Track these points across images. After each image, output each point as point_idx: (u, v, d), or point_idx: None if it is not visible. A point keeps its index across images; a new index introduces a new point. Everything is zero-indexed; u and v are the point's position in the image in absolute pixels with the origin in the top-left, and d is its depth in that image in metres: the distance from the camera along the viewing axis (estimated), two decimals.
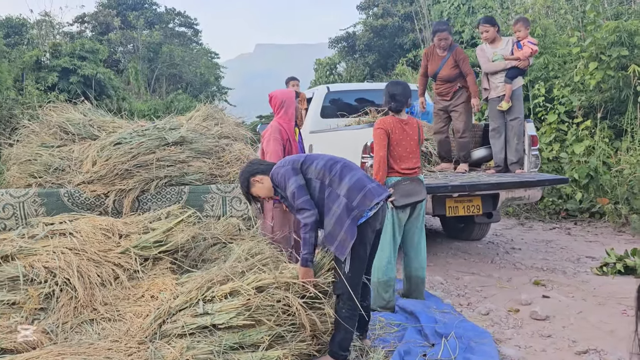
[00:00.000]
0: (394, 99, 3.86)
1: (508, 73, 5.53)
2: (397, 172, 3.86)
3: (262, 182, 3.08)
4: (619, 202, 6.82)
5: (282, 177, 2.96)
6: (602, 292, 4.32)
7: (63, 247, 3.37)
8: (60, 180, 4.37)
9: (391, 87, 3.95)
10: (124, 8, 21.96)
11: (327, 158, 3.06)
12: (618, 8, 9.31)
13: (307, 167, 2.99)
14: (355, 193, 2.88)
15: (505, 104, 5.51)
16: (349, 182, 2.92)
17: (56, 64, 12.31)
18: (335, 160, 3.05)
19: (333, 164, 3.00)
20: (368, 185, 2.93)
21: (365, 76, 17.64)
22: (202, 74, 21.75)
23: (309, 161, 3.02)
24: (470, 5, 14.74)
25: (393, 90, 3.89)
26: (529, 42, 5.55)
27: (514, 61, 5.51)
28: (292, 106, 4.54)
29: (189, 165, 4.51)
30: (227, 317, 2.76)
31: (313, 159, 3.04)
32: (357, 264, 2.89)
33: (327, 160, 3.02)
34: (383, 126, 3.84)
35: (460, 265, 5.35)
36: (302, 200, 2.87)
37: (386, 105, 3.97)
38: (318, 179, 2.96)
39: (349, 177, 2.94)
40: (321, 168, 2.98)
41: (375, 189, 2.94)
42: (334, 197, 2.90)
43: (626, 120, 7.53)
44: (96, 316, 3.10)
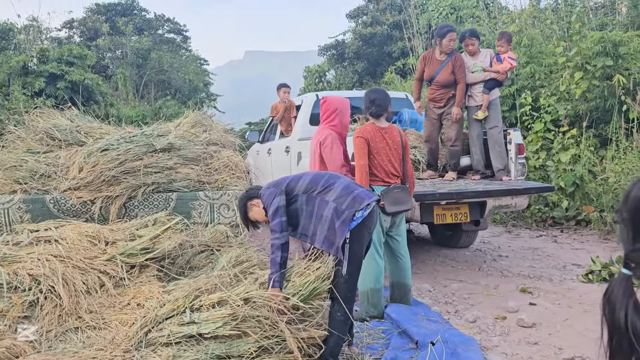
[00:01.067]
0: (374, 103, 3.91)
1: (486, 84, 5.68)
2: (381, 181, 3.88)
3: (258, 205, 3.13)
4: (604, 210, 6.90)
5: (267, 198, 3.02)
6: (588, 300, 4.36)
7: (48, 254, 3.34)
8: (46, 187, 4.33)
9: (370, 93, 4.02)
10: (113, 14, 21.87)
11: (314, 174, 3.14)
12: (603, 19, 9.47)
13: (294, 186, 3.05)
14: (343, 197, 2.93)
15: (481, 113, 5.65)
16: (336, 188, 2.97)
17: (43, 69, 12.20)
18: (322, 174, 3.13)
19: (320, 177, 3.08)
20: (356, 190, 2.98)
21: (354, 84, 17.72)
22: (191, 80, 21.67)
23: (295, 180, 3.09)
24: (458, 15, 14.91)
25: (372, 96, 3.95)
26: (509, 57, 5.73)
27: (494, 73, 5.64)
28: (347, 115, 4.45)
29: (176, 172, 4.50)
30: (213, 327, 2.73)
31: (299, 177, 3.12)
32: (354, 264, 2.92)
33: (313, 176, 3.10)
34: (362, 135, 3.87)
35: (447, 273, 5.37)
36: (276, 222, 2.92)
37: (367, 111, 4.01)
38: (305, 193, 3.01)
39: (336, 184, 3.00)
40: (308, 183, 3.05)
41: (364, 192, 3.01)
42: (323, 205, 2.94)
43: (611, 129, 7.64)
44: (81, 324, 3.06)
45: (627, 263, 1.19)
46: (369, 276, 3.81)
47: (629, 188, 1.24)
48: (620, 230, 1.25)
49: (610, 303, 1.21)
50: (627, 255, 1.21)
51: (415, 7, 16.47)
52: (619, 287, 1.19)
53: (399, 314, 3.80)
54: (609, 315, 1.22)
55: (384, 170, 3.88)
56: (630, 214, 1.20)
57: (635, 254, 1.18)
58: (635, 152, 7.03)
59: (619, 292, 1.19)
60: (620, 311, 1.17)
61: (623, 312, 1.17)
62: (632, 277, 1.19)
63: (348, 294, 2.91)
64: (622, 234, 1.24)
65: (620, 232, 1.25)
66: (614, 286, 1.21)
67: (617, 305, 1.18)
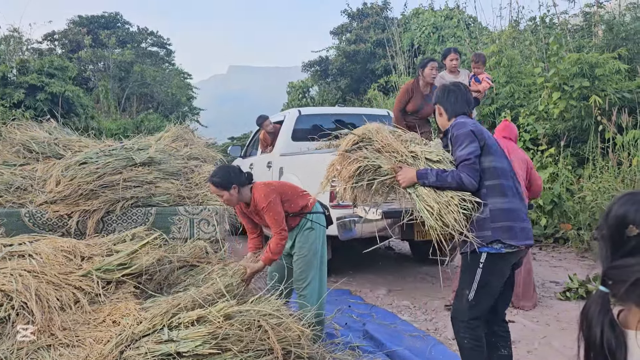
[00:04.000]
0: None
1: None
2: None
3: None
4: (581, 228, 7.00)
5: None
6: (566, 317, 4.40)
7: (21, 270, 3.25)
8: (21, 200, 4.25)
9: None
10: (96, 26, 21.77)
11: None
12: (580, 41, 9.71)
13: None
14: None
15: None
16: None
17: (23, 80, 12.05)
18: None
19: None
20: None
21: (337, 100, 17.84)
22: (173, 94, 21.58)
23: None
24: (440, 34, 15.16)
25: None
26: (487, 77, 5.86)
27: (474, 93, 5.75)
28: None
29: (156, 186, 4.46)
30: (192, 345, 2.68)
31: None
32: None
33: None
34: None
35: (428, 290, 5.38)
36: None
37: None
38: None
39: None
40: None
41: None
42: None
43: (588, 149, 7.79)
44: (54, 342, 2.98)
45: (605, 280, 1.21)
46: (320, 296, 3.64)
47: (609, 206, 1.26)
48: (599, 248, 1.26)
49: (587, 320, 1.22)
50: (605, 273, 1.22)
51: (398, 25, 16.73)
52: (596, 304, 1.21)
53: (381, 333, 3.78)
54: (585, 332, 1.23)
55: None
56: (609, 231, 1.22)
57: (612, 271, 1.20)
58: (611, 171, 7.17)
59: (596, 309, 1.20)
60: (597, 328, 1.18)
61: (599, 329, 1.18)
62: (608, 294, 1.20)
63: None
64: (601, 251, 1.25)
65: (599, 249, 1.26)
66: (591, 303, 1.23)
67: (594, 322, 1.19)
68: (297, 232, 3.59)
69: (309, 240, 3.58)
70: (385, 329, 3.95)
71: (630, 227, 1.17)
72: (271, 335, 2.72)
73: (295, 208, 3.57)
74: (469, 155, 2.66)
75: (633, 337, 1.13)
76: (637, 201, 1.20)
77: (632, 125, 7.34)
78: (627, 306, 1.17)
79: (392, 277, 5.93)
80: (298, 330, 2.82)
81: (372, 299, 5.04)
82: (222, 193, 3.41)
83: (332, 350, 3.30)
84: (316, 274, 3.59)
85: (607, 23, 9.26)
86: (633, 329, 1.14)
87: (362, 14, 19.57)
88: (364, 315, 4.42)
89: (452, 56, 5.90)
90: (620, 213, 1.20)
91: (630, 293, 1.13)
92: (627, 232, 1.17)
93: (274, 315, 2.81)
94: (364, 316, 4.39)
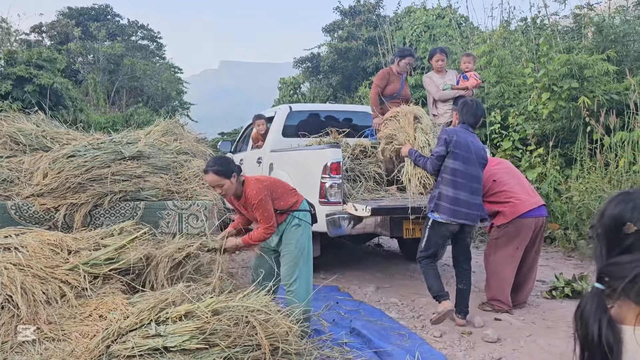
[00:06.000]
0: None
1: (455, 102, 5.77)
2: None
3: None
4: (568, 227, 7.07)
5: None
6: (551, 316, 4.44)
7: (7, 263, 3.22)
8: (7, 192, 4.21)
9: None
10: (86, 18, 21.56)
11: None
12: (570, 42, 9.77)
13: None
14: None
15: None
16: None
17: (11, 71, 11.90)
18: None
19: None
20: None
21: (328, 97, 17.83)
22: (164, 88, 21.45)
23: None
24: (432, 33, 15.18)
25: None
26: (474, 75, 5.88)
27: (462, 90, 5.77)
28: None
29: (145, 180, 4.43)
30: (180, 340, 2.67)
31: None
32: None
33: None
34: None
35: (416, 287, 5.40)
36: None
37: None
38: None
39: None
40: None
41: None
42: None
43: (576, 150, 7.86)
44: (39, 336, 2.96)
45: (601, 277, 1.22)
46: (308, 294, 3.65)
47: (604, 205, 1.28)
48: (594, 246, 1.28)
49: (583, 318, 1.23)
50: (601, 270, 1.23)
51: (390, 23, 16.74)
52: (592, 302, 1.21)
53: (369, 330, 3.79)
54: (581, 330, 1.24)
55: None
56: (604, 230, 1.24)
57: (610, 268, 1.21)
58: (598, 172, 7.24)
59: (592, 306, 1.21)
60: (594, 325, 1.19)
61: (596, 326, 1.18)
62: (604, 291, 1.21)
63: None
64: (596, 250, 1.27)
65: (593, 248, 1.28)
66: (586, 301, 1.23)
67: (590, 320, 1.20)
68: (284, 228, 3.59)
69: (295, 237, 3.59)
70: (373, 326, 3.96)
71: (628, 224, 1.20)
72: (259, 331, 2.73)
73: (284, 205, 3.58)
74: (434, 153, 4.12)
75: (629, 332, 1.15)
76: (631, 200, 1.23)
77: (619, 126, 7.42)
78: (623, 302, 1.18)
79: (381, 274, 5.95)
80: (286, 326, 2.82)
81: (361, 296, 5.05)
82: (223, 182, 3.40)
83: (320, 347, 3.31)
84: (303, 270, 3.59)
85: (597, 25, 9.33)
86: (629, 325, 1.15)
87: (354, 11, 19.56)
88: (352, 312, 4.43)
89: (438, 57, 5.94)
90: (616, 212, 1.23)
91: (629, 289, 1.15)
92: (624, 230, 1.20)
93: (262, 311, 2.81)
94: (351, 313, 4.40)
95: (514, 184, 4.54)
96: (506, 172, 4.66)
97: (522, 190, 4.53)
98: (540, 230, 4.55)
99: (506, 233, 4.46)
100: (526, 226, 4.42)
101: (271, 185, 3.58)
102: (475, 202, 4.06)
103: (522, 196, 4.46)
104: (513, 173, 4.71)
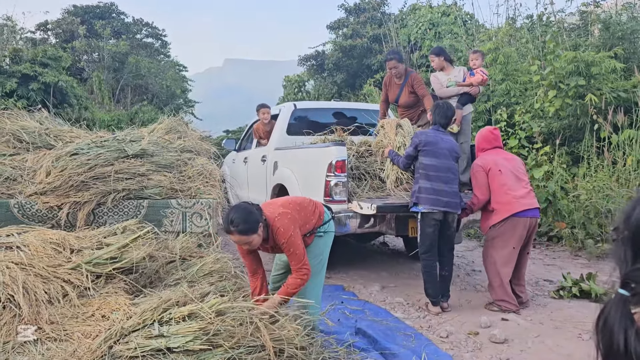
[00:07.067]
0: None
1: (460, 99, 5.75)
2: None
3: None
4: (575, 226, 6.99)
5: None
6: (559, 316, 4.39)
7: (8, 262, 3.20)
8: (10, 191, 4.19)
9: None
10: (91, 16, 21.55)
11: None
12: (576, 40, 9.69)
13: None
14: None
15: (455, 127, 5.68)
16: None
17: (16, 69, 11.90)
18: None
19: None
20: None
21: (333, 95, 17.76)
22: (168, 86, 21.42)
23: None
24: (437, 31, 15.10)
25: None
26: (481, 70, 5.78)
27: (467, 87, 5.71)
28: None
29: (148, 178, 4.40)
30: (183, 341, 2.64)
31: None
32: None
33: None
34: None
35: (421, 287, 5.31)
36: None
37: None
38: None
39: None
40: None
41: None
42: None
43: (583, 148, 7.78)
44: (41, 335, 2.93)
45: (627, 283, 1.14)
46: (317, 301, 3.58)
47: (631, 207, 1.19)
48: (617, 249, 1.19)
49: (606, 326, 1.14)
50: (627, 275, 1.15)
51: (395, 21, 16.67)
52: (617, 309, 1.13)
53: (374, 330, 3.75)
54: (604, 339, 1.15)
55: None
56: (632, 233, 1.16)
57: (635, 273, 1.14)
58: (605, 171, 7.17)
59: (617, 314, 1.13)
60: (619, 335, 1.10)
61: (622, 336, 1.10)
62: (629, 298, 1.13)
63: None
64: (619, 253, 1.18)
65: (616, 251, 1.20)
66: (610, 308, 1.15)
67: (615, 329, 1.11)
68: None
69: (316, 247, 3.45)
70: (379, 325, 3.92)
71: None
72: (263, 332, 2.69)
73: (310, 227, 3.37)
74: (405, 153, 4.78)
75: None
76: None
77: (627, 124, 7.34)
78: None
79: (386, 273, 5.90)
80: (292, 329, 2.78)
81: (366, 295, 5.00)
82: (250, 238, 3.05)
83: (326, 347, 3.27)
84: (317, 280, 3.48)
85: (604, 22, 9.24)
86: None
87: (359, 8, 19.47)
88: (357, 311, 4.39)
89: (431, 58, 6.01)
90: None
91: None
92: None
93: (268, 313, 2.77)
94: (356, 312, 4.36)
95: (514, 183, 4.60)
96: (511, 170, 4.64)
97: (521, 191, 4.60)
98: (533, 231, 4.64)
99: (502, 233, 4.54)
100: (521, 224, 4.50)
101: (294, 213, 3.27)
102: (452, 191, 4.47)
103: (519, 194, 4.54)
104: (518, 174, 4.69)
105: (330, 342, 3.30)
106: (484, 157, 4.73)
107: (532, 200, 4.64)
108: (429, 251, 4.51)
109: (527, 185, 4.71)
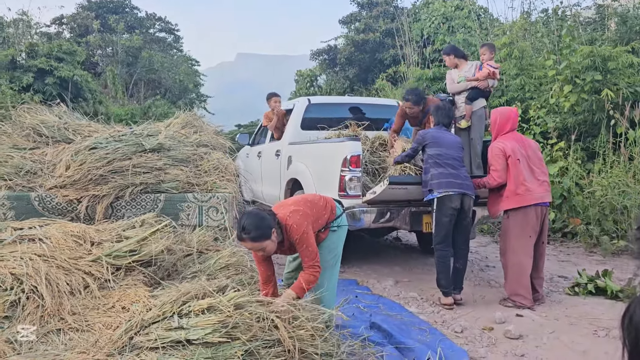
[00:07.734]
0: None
1: (469, 94, 5.64)
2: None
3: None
4: (590, 223, 6.95)
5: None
6: (574, 313, 4.38)
7: (31, 253, 3.26)
8: (31, 184, 4.26)
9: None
10: (104, 11, 21.72)
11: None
12: (592, 34, 9.59)
13: None
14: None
15: (464, 123, 5.61)
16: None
17: (32, 64, 12.04)
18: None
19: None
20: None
21: (345, 89, 17.75)
22: (181, 80, 21.56)
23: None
24: (450, 25, 15.01)
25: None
26: (489, 64, 5.67)
27: (474, 81, 5.63)
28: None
29: (165, 172, 4.45)
30: (202, 333, 2.68)
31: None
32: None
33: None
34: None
35: (435, 282, 5.35)
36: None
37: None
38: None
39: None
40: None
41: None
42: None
43: (598, 143, 7.71)
44: (63, 326, 2.99)
45: None
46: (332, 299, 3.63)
47: None
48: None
49: (632, 323, 1.14)
50: None
51: (407, 15, 16.58)
52: None
53: (389, 325, 3.77)
54: (630, 337, 1.15)
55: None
56: None
57: None
58: (621, 167, 7.10)
59: None
60: None
61: None
62: None
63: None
64: None
65: (639, 250, 1.19)
66: (635, 306, 1.15)
67: None
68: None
69: (330, 242, 3.48)
70: (393, 320, 3.94)
71: None
72: (280, 327, 2.72)
73: (322, 223, 3.40)
74: (408, 150, 4.95)
75: None
76: None
77: None
78: None
79: (400, 268, 5.92)
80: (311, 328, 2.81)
81: (380, 290, 5.03)
82: (264, 244, 3.03)
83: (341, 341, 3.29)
84: (331, 276, 3.51)
85: (621, 16, 9.13)
86: None
87: (371, 3, 19.41)
88: (371, 306, 4.41)
89: (444, 57, 5.98)
90: None
91: None
92: None
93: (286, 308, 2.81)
94: (371, 307, 4.38)
95: (529, 174, 4.61)
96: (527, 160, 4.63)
97: (535, 182, 4.62)
98: (545, 220, 4.67)
99: (517, 223, 4.56)
100: (532, 212, 4.54)
101: (306, 209, 3.28)
102: (463, 174, 4.56)
103: (532, 186, 4.57)
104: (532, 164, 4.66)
105: (346, 336, 3.34)
106: (505, 142, 4.66)
107: (545, 193, 4.64)
108: (444, 241, 4.54)
109: (540, 175, 4.66)
